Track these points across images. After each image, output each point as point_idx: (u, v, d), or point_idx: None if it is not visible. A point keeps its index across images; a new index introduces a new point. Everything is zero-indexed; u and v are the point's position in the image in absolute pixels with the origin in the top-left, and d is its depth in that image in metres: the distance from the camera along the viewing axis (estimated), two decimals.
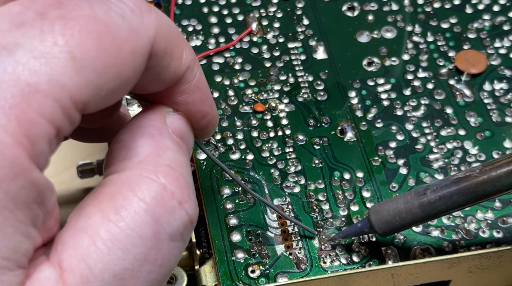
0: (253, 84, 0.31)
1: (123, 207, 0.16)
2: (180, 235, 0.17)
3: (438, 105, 0.31)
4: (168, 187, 0.17)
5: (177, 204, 0.17)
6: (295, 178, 0.28)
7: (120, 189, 0.16)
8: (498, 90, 0.32)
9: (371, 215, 0.25)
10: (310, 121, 0.30)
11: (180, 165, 0.18)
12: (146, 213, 0.16)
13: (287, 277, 0.25)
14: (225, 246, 0.26)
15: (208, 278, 0.26)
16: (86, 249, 0.15)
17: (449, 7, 0.35)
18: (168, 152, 0.18)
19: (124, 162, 0.17)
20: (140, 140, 0.18)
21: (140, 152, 0.17)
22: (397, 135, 0.30)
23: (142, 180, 0.17)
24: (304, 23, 0.34)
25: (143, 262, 0.16)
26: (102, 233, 0.15)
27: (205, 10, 0.34)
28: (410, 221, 0.24)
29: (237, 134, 0.30)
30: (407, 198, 0.24)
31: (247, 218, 0.27)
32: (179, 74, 0.18)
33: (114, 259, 0.15)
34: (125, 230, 0.16)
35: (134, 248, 0.16)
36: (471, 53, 0.33)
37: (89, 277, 0.15)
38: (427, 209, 0.23)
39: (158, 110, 0.19)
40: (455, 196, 0.23)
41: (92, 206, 0.16)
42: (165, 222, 0.16)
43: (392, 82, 0.32)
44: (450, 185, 0.23)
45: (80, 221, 0.16)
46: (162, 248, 0.16)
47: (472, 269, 0.26)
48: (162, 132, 0.18)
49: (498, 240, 0.27)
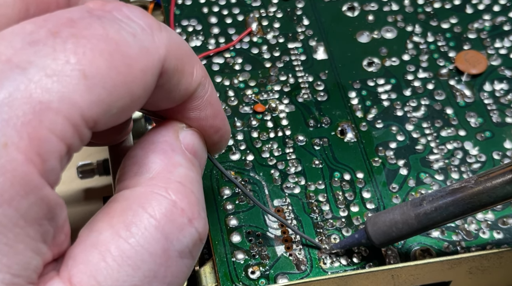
0: (253, 84, 0.31)
1: (133, 223, 0.16)
2: (189, 252, 0.17)
3: (438, 106, 0.31)
4: (178, 203, 0.17)
5: (187, 221, 0.17)
6: (295, 179, 0.28)
7: (131, 205, 0.16)
8: (498, 91, 0.31)
9: (368, 226, 0.25)
10: (310, 122, 0.30)
11: (191, 182, 0.18)
12: (156, 229, 0.16)
13: (287, 278, 0.25)
14: (225, 247, 0.26)
15: (208, 279, 0.26)
16: (96, 265, 0.15)
17: (449, 7, 0.35)
18: (180, 168, 0.18)
19: (135, 178, 0.17)
20: (152, 156, 0.18)
21: (151, 168, 0.17)
22: (397, 136, 0.30)
23: (153, 196, 0.17)
24: (304, 23, 0.34)
25: (152, 279, 0.16)
26: (112, 249, 0.15)
27: (205, 10, 0.34)
28: (406, 232, 0.24)
29: (237, 135, 0.29)
30: (404, 209, 0.24)
31: (247, 219, 0.27)
32: (190, 91, 0.18)
33: (123, 275, 0.15)
34: (135, 247, 0.16)
35: (143, 265, 0.16)
36: (472, 53, 0.33)
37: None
38: (423, 220, 0.23)
39: (171, 126, 0.19)
40: (451, 207, 0.23)
41: (103, 221, 0.16)
42: (174, 239, 0.16)
43: (392, 83, 0.32)
44: (446, 196, 0.23)
45: (91, 237, 0.16)
46: (171, 265, 0.16)
47: (472, 270, 0.26)
48: (174, 148, 0.18)
49: (499, 241, 0.27)
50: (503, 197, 0.22)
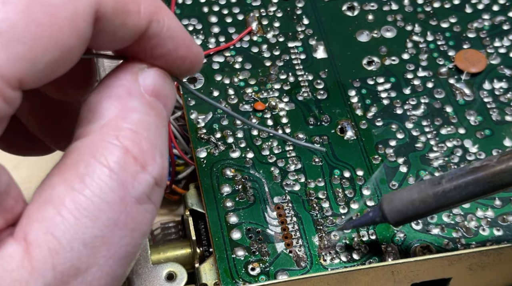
0: (253, 83, 0.31)
1: (86, 174, 0.16)
2: (147, 197, 0.17)
3: (438, 104, 0.31)
4: (131, 150, 0.16)
5: (140, 168, 0.16)
6: (295, 176, 0.28)
7: (82, 156, 0.16)
8: (498, 89, 0.32)
9: (384, 204, 0.24)
10: (310, 120, 0.30)
11: (145, 128, 0.17)
12: (110, 178, 0.16)
13: (287, 274, 0.25)
14: (225, 243, 0.26)
15: (208, 276, 0.26)
16: (51, 221, 0.15)
17: (448, 6, 0.35)
18: (134, 114, 0.17)
19: (88, 126, 0.17)
20: (105, 102, 0.17)
21: (104, 115, 0.17)
22: (397, 134, 0.30)
23: (104, 145, 0.16)
24: (304, 22, 0.34)
25: (113, 227, 0.16)
26: (67, 203, 0.15)
27: (205, 10, 0.34)
28: (424, 211, 0.23)
29: (237, 133, 0.30)
30: (421, 187, 0.23)
31: (247, 215, 0.27)
32: (140, 29, 0.17)
33: (82, 227, 0.15)
34: (91, 198, 0.15)
35: (101, 214, 0.15)
36: (471, 52, 0.33)
37: (57, 249, 0.15)
38: (442, 199, 0.22)
39: (129, 68, 0.18)
40: (471, 186, 0.22)
41: (55, 176, 0.16)
42: (130, 186, 0.16)
43: (392, 81, 0.32)
44: (466, 174, 0.22)
45: (44, 193, 0.15)
46: (131, 211, 0.16)
47: (472, 266, 0.26)
48: (131, 92, 0.17)
49: (498, 238, 0.27)
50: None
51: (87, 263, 0.15)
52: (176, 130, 0.30)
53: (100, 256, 0.15)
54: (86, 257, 0.15)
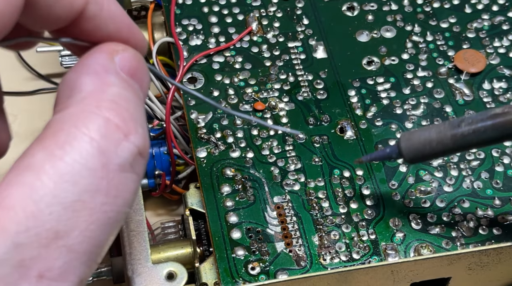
0: (253, 83, 0.31)
1: (66, 142, 0.16)
2: (130, 165, 0.17)
3: (438, 104, 0.31)
4: (112, 119, 0.16)
5: (123, 136, 0.16)
6: (295, 176, 0.28)
7: (63, 126, 0.16)
8: (497, 89, 0.32)
9: (402, 141, 0.24)
10: (310, 120, 0.30)
11: (125, 100, 0.17)
12: (91, 146, 0.16)
13: (287, 274, 0.25)
14: (225, 243, 0.26)
15: (208, 275, 0.26)
16: (30, 186, 0.15)
17: (448, 6, 0.35)
18: (113, 87, 0.17)
19: (67, 101, 0.17)
20: (83, 78, 0.17)
21: (83, 89, 0.17)
22: (397, 133, 0.30)
23: (85, 115, 0.16)
24: (304, 22, 0.34)
25: (94, 193, 0.16)
26: (47, 168, 0.15)
27: (205, 10, 0.34)
28: (440, 151, 0.23)
29: (237, 133, 0.30)
30: (440, 128, 0.23)
31: (247, 215, 0.27)
32: (76, 7, 0.17)
33: (62, 192, 0.15)
34: (71, 163, 0.15)
35: (82, 179, 0.15)
36: (470, 52, 0.33)
37: (34, 212, 0.15)
38: (459, 141, 0.23)
39: (105, 48, 0.18)
40: (489, 131, 0.22)
41: (35, 145, 0.16)
42: (112, 153, 0.16)
43: (392, 81, 0.32)
44: (486, 119, 0.22)
45: (23, 162, 0.15)
46: (113, 178, 0.16)
47: (471, 266, 0.26)
48: (108, 69, 0.18)
49: (498, 237, 0.27)
50: None
51: (68, 227, 0.15)
52: (176, 130, 0.31)
53: (81, 221, 0.15)
54: (66, 220, 0.15)
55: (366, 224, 0.27)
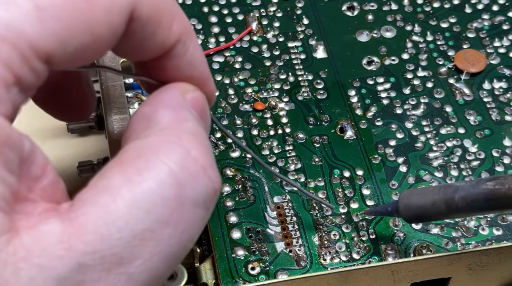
0: (253, 83, 0.31)
1: (146, 168, 0.16)
2: (203, 202, 0.16)
3: (438, 104, 0.31)
4: (192, 152, 0.16)
5: (201, 170, 0.16)
6: (295, 176, 0.28)
7: (143, 152, 0.16)
8: (497, 89, 0.32)
9: (400, 207, 0.25)
10: (310, 120, 0.30)
11: (201, 134, 0.17)
12: (169, 175, 0.16)
13: (287, 274, 0.25)
14: (225, 243, 0.26)
15: (208, 275, 0.26)
16: (105, 208, 0.15)
17: (448, 6, 0.35)
18: (189, 122, 0.17)
19: (146, 131, 0.17)
20: (161, 111, 0.17)
21: (162, 121, 0.17)
22: (397, 133, 0.30)
23: (166, 145, 0.16)
24: (304, 22, 0.34)
25: (164, 224, 0.15)
26: (123, 193, 0.15)
27: (205, 10, 0.34)
28: (436, 217, 0.24)
29: (237, 133, 0.30)
30: (435, 198, 0.24)
31: (247, 215, 0.27)
32: (166, 45, 0.18)
33: (134, 218, 0.15)
34: (147, 191, 0.15)
35: (156, 208, 0.15)
36: (471, 52, 0.33)
37: (104, 235, 0.15)
38: (454, 211, 0.23)
39: (177, 86, 0.19)
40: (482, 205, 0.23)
41: (114, 168, 0.16)
42: (188, 186, 0.16)
43: (392, 81, 0.32)
44: (479, 195, 0.23)
45: (101, 182, 0.15)
46: (184, 212, 0.16)
47: (472, 266, 0.26)
48: (182, 105, 0.18)
49: (498, 237, 0.27)
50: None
51: (132, 255, 0.15)
52: None
53: (146, 251, 0.15)
54: (132, 248, 0.15)
55: (366, 224, 0.27)
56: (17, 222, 0.14)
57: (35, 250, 0.14)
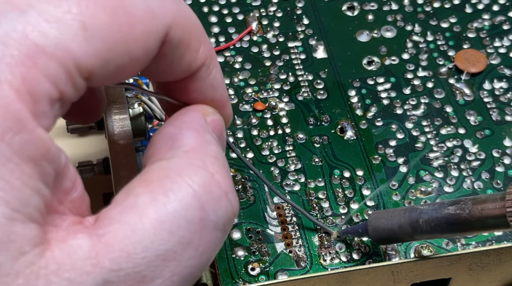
0: (253, 83, 0.31)
1: (171, 190, 0.16)
2: (223, 224, 0.17)
3: (438, 104, 0.31)
4: (216, 176, 0.17)
5: (224, 194, 0.17)
6: (295, 176, 0.28)
7: (169, 173, 0.16)
8: (497, 89, 0.32)
9: (369, 229, 0.25)
10: (310, 120, 0.30)
11: (223, 158, 0.18)
12: (194, 198, 0.16)
13: (287, 274, 0.25)
14: (225, 243, 0.26)
15: (208, 276, 0.26)
16: (133, 226, 0.15)
17: (448, 6, 0.35)
18: (212, 145, 0.18)
19: (170, 151, 0.17)
20: (185, 133, 0.18)
21: (186, 143, 0.18)
22: (397, 134, 0.30)
23: (191, 167, 0.17)
24: (304, 22, 0.34)
25: (186, 246, 0.16)
26: (150, 213, 0.16)
27: (205, 10, 0.34)
28: (404, 239, 0.25)
29: (237, 133, 0.30)
30: (401, 221, 0.24)
31: (247, 216, 0.27)
32: (193, 67, 0.18)
33: (159, 239, 0.15)
34: (173, 212, 0.16)
35: (179, 231, 0.16)
36: (471, 52, 0.33)
37: (130, 253, 0.15)
38: (419, 234, 0.24)
39: (199, 109, 0.19)
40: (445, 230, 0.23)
41: (140, 187, 0.16)
42: (211, 209, 0.16)
43: (392, 81, 0.32)
44: (441, 219, 0.23)
45: (128, 200, 0.16)
46: (205, 235, 0.16)
47: (472, 266, 0.26)
48: (204, 128, 0.18)
49: (498, 238, 0.27)
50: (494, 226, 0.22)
51: (154, 274, 0.16)
52: None
53: (167, 270, 0.16)
54: (155, 268, 0.16)
55: None
56: (48, 234, 0.15)
57: (66, 264, 0.15)
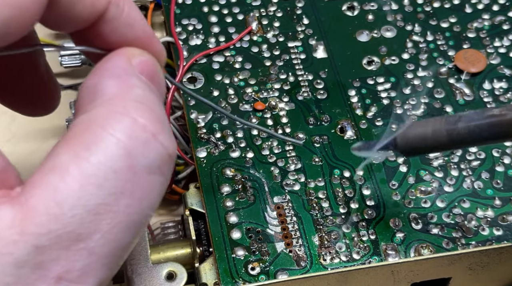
0: (253, 83, 0.31)
1: (93, 142, 0.15)
2: (157, 167, 0.16)
3: (438, 104, 0.31)
4: (139, 120, 0.16)
5: (151, 136, 0.16)
6: (295, 176, 0.28)
7: (89, 126, 0.16)
8: (497, 89, 0.32)
9: (398, 139, 0.24)
10: (310, 120, 0.30)
11: (150, 101, 0.17)
12: (118, 146, 0.16)
13: (287, 274, 0.25)
14: (225, 243, 0.26)
15: (208, 276, 0.26)
16: (54, 187, 0.15)
17: (448, 6, 0.35)
18: (137, 89, 0.17)
19: (92, 103, 0.17)
20: (106, 81, 0.17)
21: (107, 92, 0.17)
22: None
23: (111, 116, 0.16)
24: (304, 22, 0.34)
25: (119, 196, 0.15)
26: (71, 170, 0.15)
27: (205, 10, 0.34)
28: (435, 146, 0.23)
29: (237, 133, 0.30)
30: (437, 125, 0.23)
31: (247, 215, 0.27)
32: (98, 7, 0.17)
33: (86, 194, 0.15)
34: (97, 165, 0.15)
35: (107, 182, 0.15)
36: (471, 52, 0.33)
37: (57, 214, 0.15)
38: (455, 139, 0.22)
39: (123, 52, 0.18)
40: (485, 133, 0.22)
41: (61, 146, 0.16)
42: (139, 154, 0.16)
43: (392, 81, 0.32)
44: (483, 119, 0.22)
45: (48, 162, 0.15)
46: (139, 181, 0.16)
47: (472, 266, 0.26)
48: (129, 72, 0.17)
49: (498, 238, 0.27)
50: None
51: (90, 229, 0.15)
52: (176, 130, 0.31)
53: (104, 224, 0.15)
54: (89, 224, 0.15)
55: (366, 224, 0.27)
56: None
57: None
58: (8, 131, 0.37)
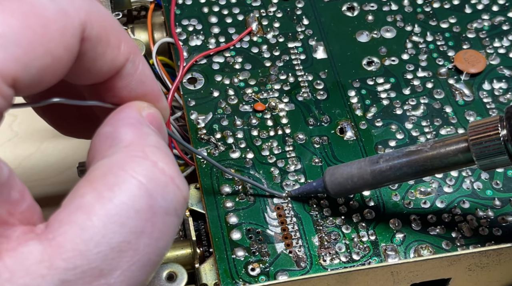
0: (253, 83, 0.31)
1: (116, 184, 0.16)
2: (174, 209, 0.17)
3: (438, 105, 0.31)
4: (159, 164, 0.17)
5: (169, 179, 0.17)
6: (295, 177, 0.28)
7: (111, 169, 0.17)
8: (497, 90, 0.32)
9: (326, 176, 0.25)
10: (310, 120, 0.30)
11: (164, 147, 0.18)
12: (139, 188, 0.16)
13: (287, 275, 0.25)
14: (225, 244, 0.26)
15: (208, 276, 0.26)
16: (81, 225, 0.16)
17: (448, 7, 0.35)
18: (151, 136, 0.18)
19: (110, 149, 0.18)
20: (122, 130, 0.18)
21: (125, 139, 0.18)
22: (397, 134, 0.30)
23: (132, 160, 0.17)
24: (304, 23, 0.34)
25: (139, 234, 0.16)
26: (97, 209, 0.16)
27: (205, 10, 0.34)
28: (360, 186, 0.25)
29: (237, 133, 0.30)
30: (361, 164, 0.25)
31: (247, 216, 0.27)
32: (117, 64, 0.19)
33: (110, 232, 0.16)
34: (120, 205, 0.16)
35: (129, 221, 0.16)
36: (470, 52, 0.33)
37: (83, 250, 0.15)
38: (378, 176, 0.24)
39: (133, 105, 0.19)
40: (405, 168, 0.24)
41: (85, 187, 0.17)
42: (159, 196, 0.17)
43: (392, 82, 0.32)
44: (402, 156, 0.24)
45: (74, 202, 0.16)
46: (157, 221, 0.17)
47: (471, 267, 0.26)
48: (141, 122, 0.19)
49: (498, 238, 0.27)
50: (454, 164, 0.23)
51: (111, 266, 0.16)
52: (176, 130, 0.31)
53: (124, 261, 0.16)
54: (111, 260, 0.16)
55: (366, 224, 0.27)
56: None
57: (19, 271, 0.15)
58: (10, 131, 0.37)
